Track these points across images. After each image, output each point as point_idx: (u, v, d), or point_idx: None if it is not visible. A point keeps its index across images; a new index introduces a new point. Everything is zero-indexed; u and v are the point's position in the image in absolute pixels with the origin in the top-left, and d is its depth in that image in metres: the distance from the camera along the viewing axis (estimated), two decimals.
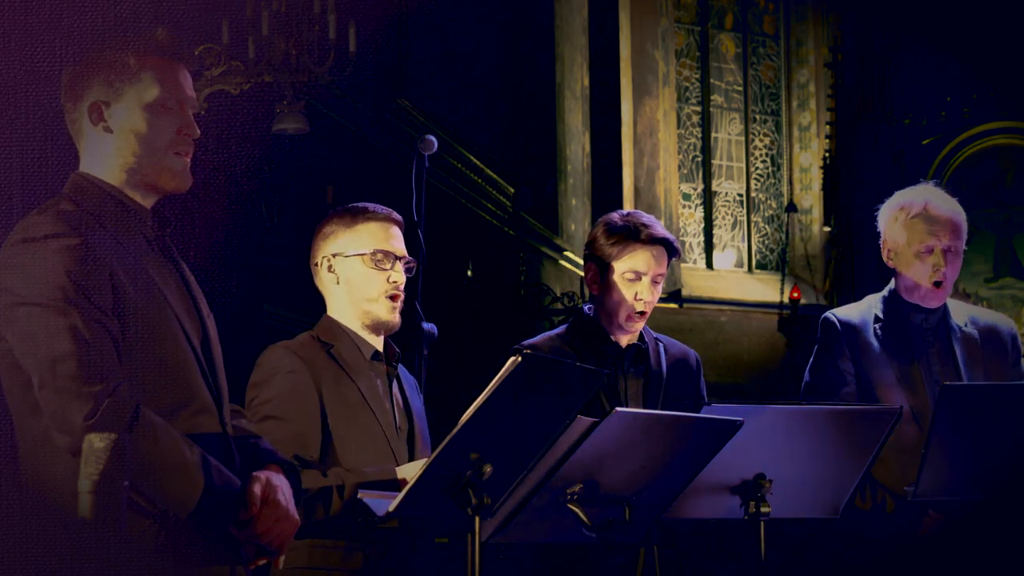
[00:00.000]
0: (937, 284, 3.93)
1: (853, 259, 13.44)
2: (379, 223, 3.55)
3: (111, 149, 2.74)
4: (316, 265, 3.57)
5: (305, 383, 3.39)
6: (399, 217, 3.61)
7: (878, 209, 4.08)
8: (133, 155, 2.73)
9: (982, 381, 3.94)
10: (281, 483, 2.74)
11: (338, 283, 3.53)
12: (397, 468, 3.35)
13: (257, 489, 2.67)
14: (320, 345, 3.49)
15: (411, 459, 3.48)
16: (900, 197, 4.04)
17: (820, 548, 3.96)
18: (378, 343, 3.55)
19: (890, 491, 3.81)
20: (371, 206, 3.59)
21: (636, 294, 3.78)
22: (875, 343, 3.98)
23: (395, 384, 3.57)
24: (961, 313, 4.06)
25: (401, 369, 3.64)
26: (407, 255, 3.57)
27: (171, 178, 2.77)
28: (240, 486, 2.67)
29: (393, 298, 3.52)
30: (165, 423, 2.59)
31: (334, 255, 3.53)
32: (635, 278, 3.78)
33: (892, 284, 4.05)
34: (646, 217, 3.87)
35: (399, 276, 3.52)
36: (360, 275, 3.52)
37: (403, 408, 3.56)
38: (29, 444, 2.62)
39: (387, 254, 3.51)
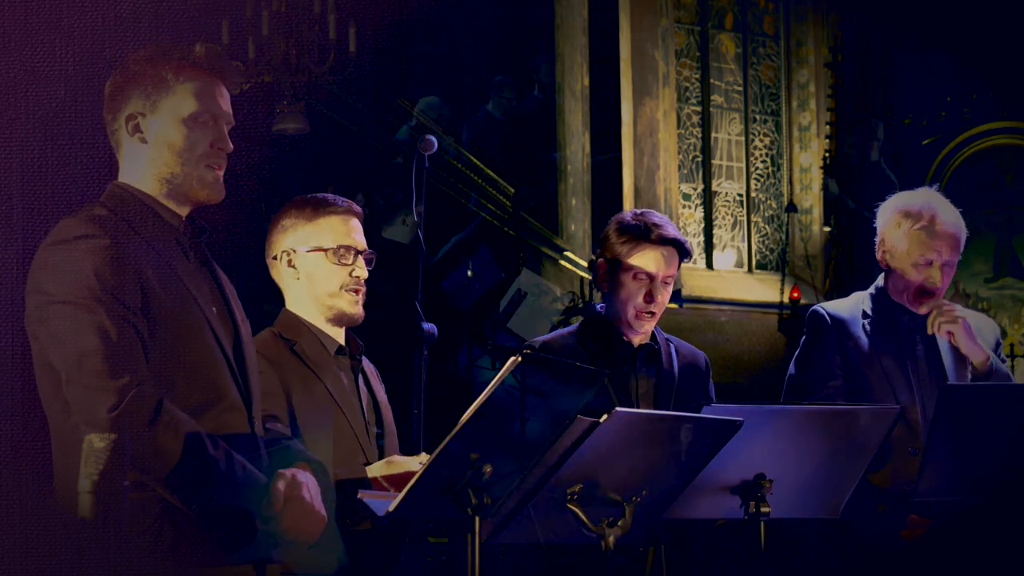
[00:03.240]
0: (929, 293, 3.94)
1: (853, 259, 13.44)
2: (340, 216, 3.49)
3: (146, 159, 2.80)
4: (275, 259, 3.51)
5: (271, 382, 3.33)
6: (359, 209, 3.57)
7: (877, 206, 4.07)
8: (167, 166, 2.80)
9: (969, 382, 3.95)
10: (307, 480, 2.78)
11: (298, 278, 3.48)
12: (367, 467, 3.34)
13: (281, 485, 2.71)
14: (283, 342, 3.44)
15: (382, 454, 3.45)
16: (905, 202, 4.01)
17: (818, 548, 3.96)
18: (340, 336, 3.50)
19: (876, 487, 3.81)
20: (331, 198, 3.54)
21: (646, 294, 3.77)
22: (863, 338, 3.98)
23: (360, 377, 3.53)
24: None
25: (364, 361, 3.59)
26: (368, 248, 3.52)
27: (203, 188, 2.83)
28: (265, 482, 2.70)
29: (355, 291, 3.47)
30: (189, 418, 2.63)
31: (294, 250, 3.48)
32: (645, 278, 3.77)
33: (880, 282, 4.05)
34: (658, 217, 3.86)
35: (362, 271, 3.47)
36: (322, 270, 3.45)
37: (370, 402, 3.53)
38: (60, 441, 2.68)
39: (349, 249, 3.46)
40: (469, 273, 8.63)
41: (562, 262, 11.99)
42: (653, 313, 3.79)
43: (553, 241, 11.86)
